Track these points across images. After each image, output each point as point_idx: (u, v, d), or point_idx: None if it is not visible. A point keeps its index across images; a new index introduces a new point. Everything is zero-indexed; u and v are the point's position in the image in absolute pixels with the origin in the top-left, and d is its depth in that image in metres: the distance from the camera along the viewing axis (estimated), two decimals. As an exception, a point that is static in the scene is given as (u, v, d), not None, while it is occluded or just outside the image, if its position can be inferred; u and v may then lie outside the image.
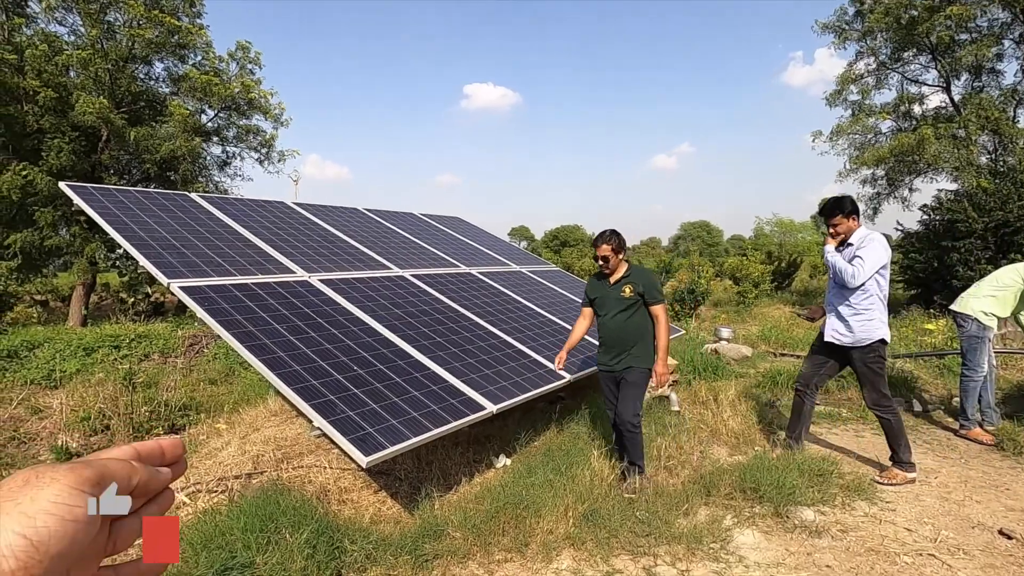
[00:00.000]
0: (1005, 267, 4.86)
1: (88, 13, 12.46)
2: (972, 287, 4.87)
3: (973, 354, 4.62)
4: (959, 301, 4.81)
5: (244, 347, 3.13)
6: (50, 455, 5.12)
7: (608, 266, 3.67)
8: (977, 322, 4.62)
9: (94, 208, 4.14)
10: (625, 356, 3.63)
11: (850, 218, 3.71)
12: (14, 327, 11.86)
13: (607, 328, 3.70)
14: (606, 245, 3.66)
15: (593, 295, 3.82)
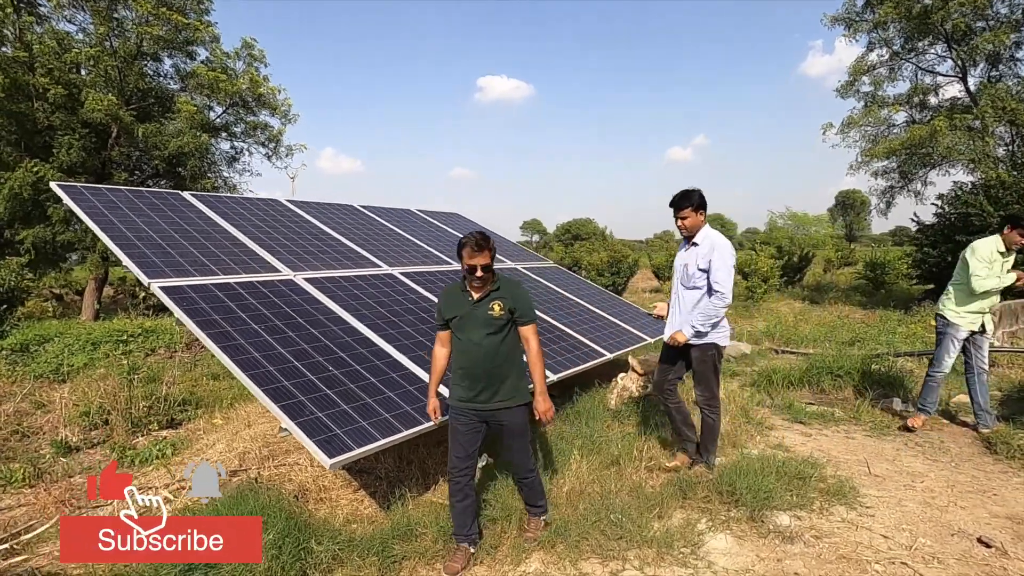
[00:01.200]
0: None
1: (97, 11, 12.61)
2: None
3: (937, 350, 4.69)
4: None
5: (219, 347, 3.16)
6: (51, 449, 5.21)
7: (481, 280, 2.87)
8: (943, 318, 4.64)
9: (83, 208, 4.20)
10: (499, 390, 2.88)
11: (698, 212, 3.58)
12: (29, 321, 12.14)
13: (471, 355, 2.86)
14: (485, 254, 2.85)
15: (450, 314, 2.91)
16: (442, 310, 2.98)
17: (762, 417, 4.92)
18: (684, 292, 3.68)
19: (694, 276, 3.59)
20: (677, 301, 3.76)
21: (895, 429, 4.76)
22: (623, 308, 6.85)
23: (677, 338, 3.62)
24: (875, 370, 6.04)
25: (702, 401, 3.74)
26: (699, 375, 3.70)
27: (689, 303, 3.66)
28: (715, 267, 3.48)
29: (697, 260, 3.56)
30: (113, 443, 5.21)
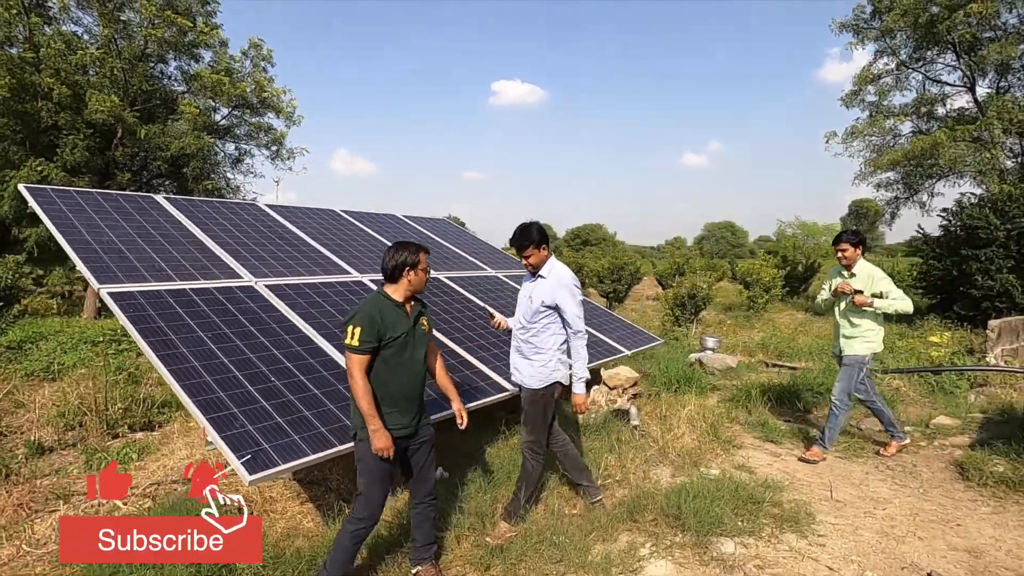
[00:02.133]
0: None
1: (103, 12, 12.80)
2: None
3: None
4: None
5: (156, 355, 3.13)
6: (25, 449, 5.22)
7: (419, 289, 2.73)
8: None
9: (45, 211, 4.21)
10: (423, 408, 2.79)
11: (540, 248, 3.29)
12: (32, 318, 12.31)
13: (411, 377, 2.66)
14: (424, 254, 2.72)
15: (396, 332, 2.59)
16: (381, 329, 2.55)
17: (732, 435, 4.80)
18: (527, 325, 3.35)
19: (539, 312, 3.29)
20: (516, 331, 3.44)
21: (869, 451, 4.62)
22: (603, 318, 6.75)
23: (576, 401, 3.30)
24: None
25: (526, 445, 3.36)
26: (527, 416, 3.34)
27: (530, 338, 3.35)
28: (565, 305, 3.24)
29: (543, 295, 3.27)
30: (86, 445, 5.21)
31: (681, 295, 12.26)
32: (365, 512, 2.58)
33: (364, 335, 2.51)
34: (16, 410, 6.26)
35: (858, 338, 4.27)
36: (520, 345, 3.39)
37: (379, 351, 2.57)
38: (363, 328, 2.52)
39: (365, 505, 2.59)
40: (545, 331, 3.31)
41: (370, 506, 2.59)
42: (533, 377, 3.31)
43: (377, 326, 2.55)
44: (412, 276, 2.67)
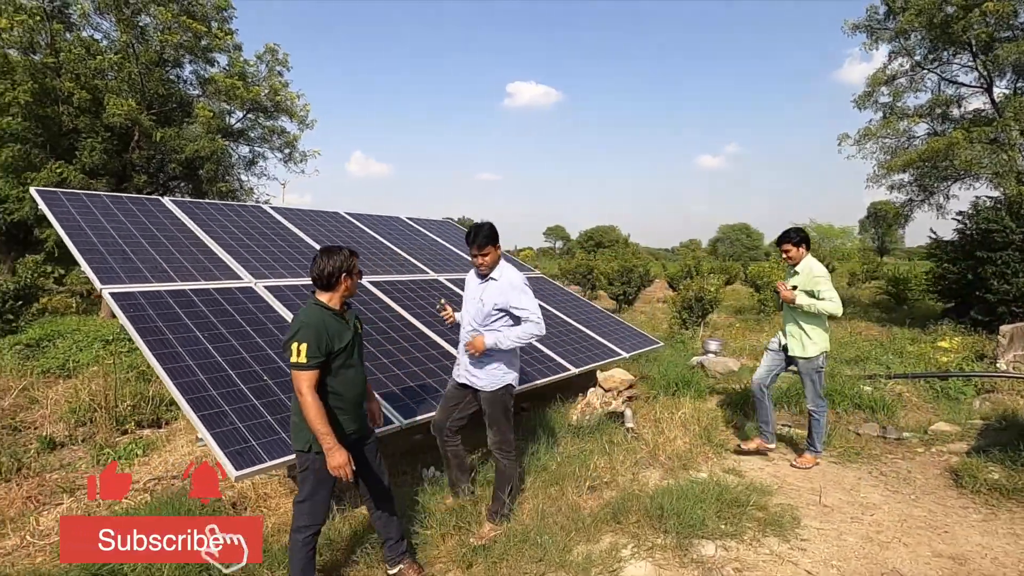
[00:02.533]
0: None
1: (121, 18, 13.11)
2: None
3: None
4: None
5: (152, 354, 3.24)
6: (37, 444, 5.38)
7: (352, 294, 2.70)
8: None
9: (54, 213, 4.36)
10: (365, 415, 2.78)
11: (496, 248, 3.31)
12: (52, 316, 12.65)
13: (358, 383, 2.66)
14: (355, 258, 2.66)
15: (341, 343, 2.54)
16: (328, 343, 2.47)
17: (725, 439, 4.80)
18: (479, 328, 3.32)
19: (491, 316, 3.28)
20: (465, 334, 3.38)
21: (864, 456, 4.59)
22: (602, 321, 6.77)
23: (476, 344, 3.20)
24: (863, 392, 5.84)
25: (495, 445, 3.36)
26: (491, 417, 3.35)
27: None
28: (520, 304, 3.23)
29: (494, 298, 3.26)
30: (95, 441, 5.36)
31: (688, 298, 12.21)
32: (310, 520, 2.57)
33: (311, 351, 2.41)
34: (31, 406, 6.44)
35: (805, 339, 4.26)
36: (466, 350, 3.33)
37: (328, 364, 2.50)
38: (309, 344, 2.41)
39: (310, 513, 2.57)
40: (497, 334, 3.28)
41: (316, 514, 2.58)
42: (485, 380, 3.31)
43: (324, 340, 2.46)
44: (348, 282, 2.59)
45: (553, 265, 36.18)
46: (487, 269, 3.31)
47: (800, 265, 4.31)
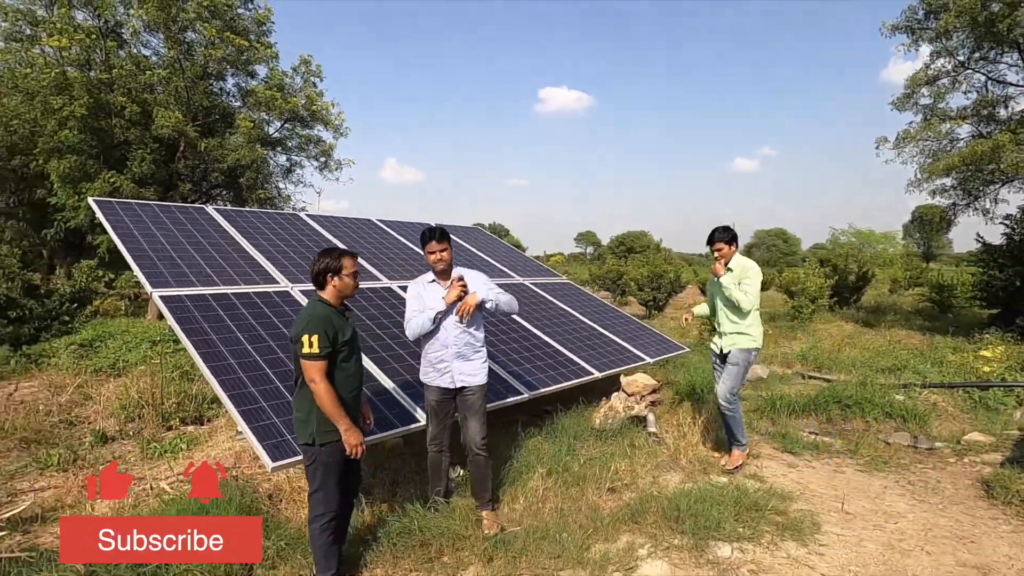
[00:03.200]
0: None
1: (169, 35, 13.80)
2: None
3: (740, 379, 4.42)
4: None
5: (197, 352, 3.47)
6: (90, 438, 5.73)
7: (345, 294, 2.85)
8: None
9: (110, 221, 4.69)
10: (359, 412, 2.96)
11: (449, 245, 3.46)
12: (103, 318, 13.34)
13: (353, 381, 2.81)
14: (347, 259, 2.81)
15: (345, 336, 2.73)
16: (333, 334, 2.66)
17: (749, 444, 4.79)
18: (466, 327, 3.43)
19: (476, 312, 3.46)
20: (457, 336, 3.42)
21: (892, 465, 4.53)
22: (628, 326, 6.82)
23: (470, 301, 3.33)
24: (895, 401, 5.74)
25: (480, 441, 3.44)
26: (479, 412, 3.46)
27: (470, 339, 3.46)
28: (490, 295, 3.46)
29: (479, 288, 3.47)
30: (143, 436, 5.68)
31: (717, 304, 12.09)
32: (324, 508, 2.71)
33: (322, 341, 2.59)
34: (85, 402, 6.85)
35: (739, 334, 4.28)
36: (460, 349, 3.41)
37: (333, 356, 2.66)
38: (319, 335, 2.59)
39: (323, 502, 2.71)
40: (480, 328, 3.53)
41: (329, 502, 2.72)
42: (479, 375, 3.46)
43: (329, 331, 2.64)
44: (336, 282, 2.75)
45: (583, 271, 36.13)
46: (447, 266, 3.43)
47: (733, 262, 4.36)
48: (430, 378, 3.45)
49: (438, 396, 3.45)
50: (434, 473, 3.56)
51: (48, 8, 13.42)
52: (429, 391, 3.48)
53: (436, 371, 3.43)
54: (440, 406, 3.47)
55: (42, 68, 12.34)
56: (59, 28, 12.55)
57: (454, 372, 3.40)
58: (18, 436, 5.31)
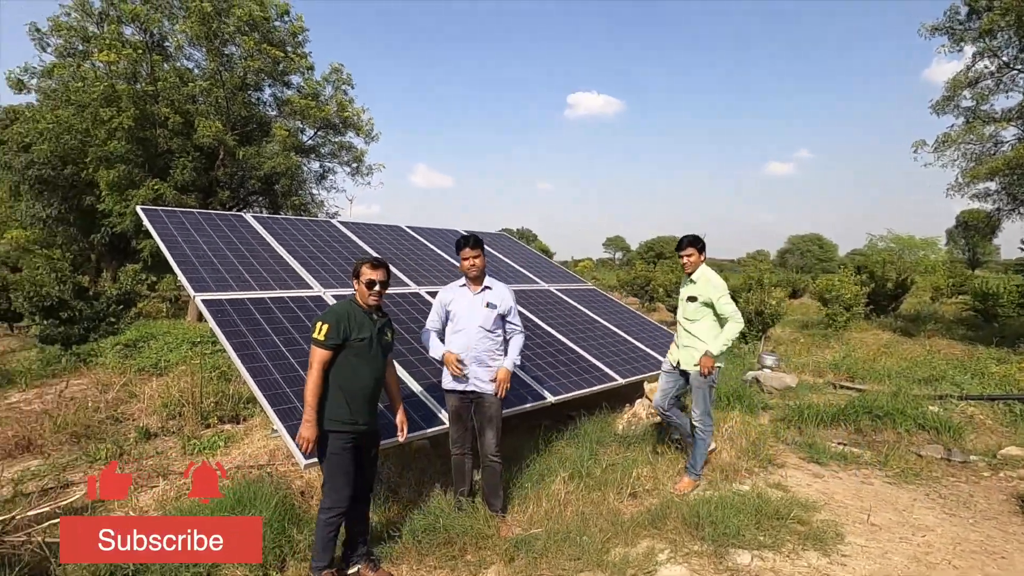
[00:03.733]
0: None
1: (211, 49, 14.39)
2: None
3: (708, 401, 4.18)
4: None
5: (236, 354, 3.66)
6: (135, 434, 6.03)
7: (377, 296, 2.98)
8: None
9: (156, 228, 4.96)
10: (375, 409, 3.04)
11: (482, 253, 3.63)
12: (146, 320, 13.92)
13: (372, 379, 2.93)
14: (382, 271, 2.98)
15: (358, 334, 2.86)
16: (347, 328, 2.82)
17: (774, 453, 4.77)
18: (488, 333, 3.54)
19: (498, 320, 3.59)
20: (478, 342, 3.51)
21: (924, 478, 4.44)
22: (653, 332, 6.82)
23: (502, 377, 3.50)
24: (929, 413, 5.61)
25: (494, 450, 3.52)
26: (495, 421, 3.53)
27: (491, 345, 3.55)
28: (515, 309, 3.66)
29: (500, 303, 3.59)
30: (184, 433, 5.94)
31: (748, 311, 11.92)
32: (330, 502, 2.84)
33: (330, 332, 2.78)
34: (130, 400, 7.19)
35: (698, 351, 4.05)
36: (479, 355, 3.50)
37: (344, 349, 2.83)
38: (330, 325, 2.79)
39: (329, 495, 2.85)
40: (500, 336, 3.62)
41: (334, 496, 2.83)
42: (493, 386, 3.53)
43: (343, 325, 2.82)
44: (356, 286, 2.98)
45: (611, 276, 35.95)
46: (478, 272, 3.57)
47: (696, 274, 4.16)
48: (449, 383, 3.56)
49: (457, 401, 3.56)
50: (458, 474, 3.65)
51: (99, 24, 14.12)
52: (449, 396, 3.59)
53: (455, 377, 3.53)
54: (460, 410, 3.57)
55: (92, 82, 13.00)
56: (108, 43, 13.21)
57: (472, 377, 3.50)
58: (69, 431, 5.62)
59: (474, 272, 3.56)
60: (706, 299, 4.03)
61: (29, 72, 13.99)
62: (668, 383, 4.33)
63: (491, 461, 3.53)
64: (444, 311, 3.63)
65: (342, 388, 2.84)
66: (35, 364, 9.43)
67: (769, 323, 11.95)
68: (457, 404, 3.56)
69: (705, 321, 4.06)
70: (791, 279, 27.47)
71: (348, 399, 2.84)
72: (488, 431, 3.53)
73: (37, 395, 7.58)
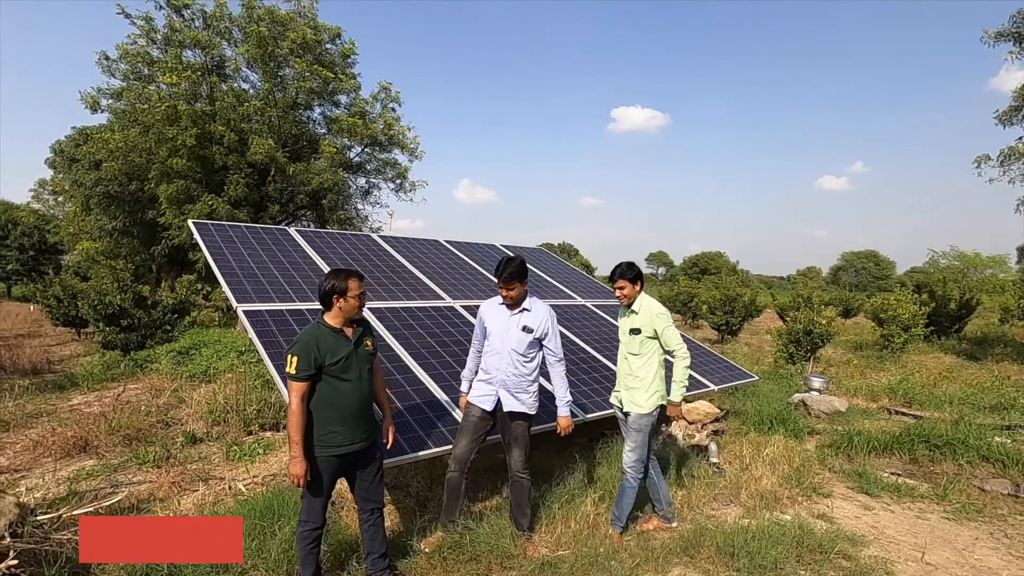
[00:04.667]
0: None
1: (265, 70, 15.08)
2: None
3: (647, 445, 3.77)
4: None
5: (272, 364, 3.76)
6: (182, 439, 6.25)
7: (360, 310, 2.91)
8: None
9: (205, 241, 5.18)
10: (370, 425, 2.94)
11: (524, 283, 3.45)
12: (199, 328, 14.56)
13: (357, 397, 2.82)
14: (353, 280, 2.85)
15: (332, 358, 2.76)
16: (318, 357, 2.71)
17: (820, 481, 4.52)
18: (522, 358, 3.44)
19: (533, 344, 3.45)
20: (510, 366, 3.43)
21: (988, 515, 4.11)
22: (692, 351, 6.62)
23: (562, 424, 3.51)
24: (995, 444, 5.22)
25: (523, 467, 3.45)
26: (524, 441, 3.46)
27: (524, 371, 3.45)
28: (555, 335, 3.51)
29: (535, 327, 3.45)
30: (227, 439, 6.13)
31: (796, 331, 11.47)
32: (307, 515, 2.81)
33: (301, 363, 2.67)
34: (179, 405, 7.48)
35: (642, 389, 3.65)
36: (507, 380, 3.41)
37: (321, 375, 2.73)
38: (299, 357, 2.68)
39: (307, 510, 2.81)
40: (533, 361, 3.48)
41: (311, 512, 2.81)
42: (530, 404, 3.48)
43: (313, 354, 2.69)
44: (342, 303, 2.80)
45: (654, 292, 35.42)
46: (513, 301, 3.43)
47: (637, 304, 3.78)
48: (475, 395, 3.50)
49: (477, 414, 3.45)
50: (452, 495, 3.46)
51: (163, 49, 15.03)
52: (471, 406, 3.49)
53: (482, 390, 3.47)
54: (478, 425, 3.45)
55: (156, 103, 13.82)
56: (171, 67, 14.04)
57: (505, 394, 3.43)
58: (123, 433, 5.88)
59: (509, 302, 3.47)
60: (650, 331, 3.68)
61: (102, 93, 15.00)
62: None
63: (519, 477, 3.45)
64: (483, 327, 3.54)
65: (325, 413, 2.76)
66: (97, 368, 9.96)
67: (818, 343, 11.45)
68: (477, 418, 3.44)
69: (653, 357, 3.69)
70: (844, 297, 26.30)
71: (333, 423, 2.77)
72: (516, 448, 3.45)
73: (97, 398, 7.98)
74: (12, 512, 2.88)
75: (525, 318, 3.45)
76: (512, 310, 3.47)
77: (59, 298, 14.22)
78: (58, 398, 7.91)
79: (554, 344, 3.48)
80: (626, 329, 3.80)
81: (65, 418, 6.72)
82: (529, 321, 3.44)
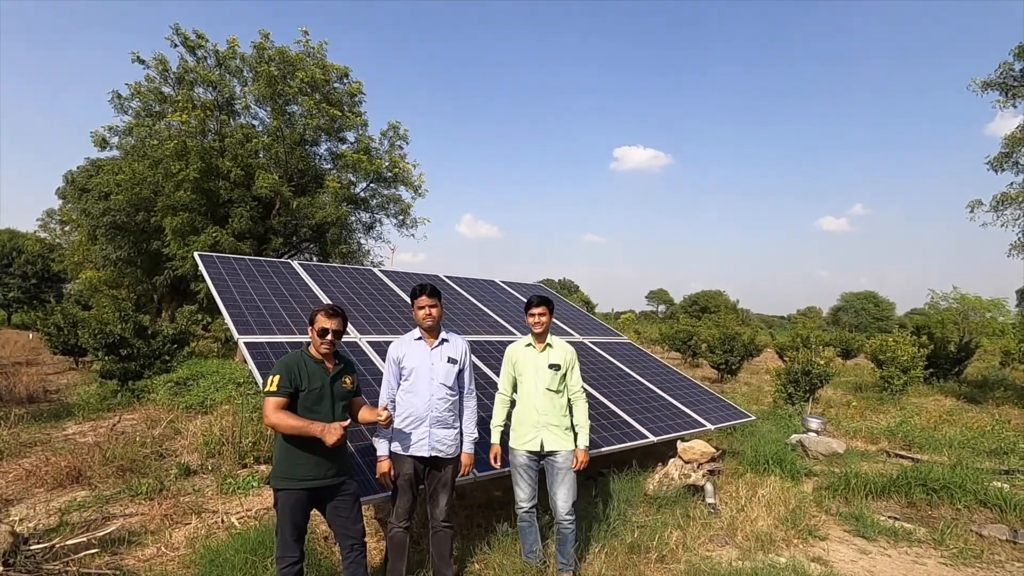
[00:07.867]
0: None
1: (274, 108, 15.52)
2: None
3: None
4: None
5: (271, 397, 3.79)
6: (176, 470, 6.22)
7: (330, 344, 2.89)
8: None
9: (209, 273, 5.28)
10: (342, 463, 2.91)
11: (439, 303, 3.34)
12: (198, 358, 14.53)
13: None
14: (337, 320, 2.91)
15: (309, 384, 2.81)
16: (296, 379, 2.78)
17: (816, 524, 4.49)
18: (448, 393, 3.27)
19: (458, 376, 3.34)
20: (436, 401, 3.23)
21: (986, 560, 4.07)
22: (690, 390, 6.64)
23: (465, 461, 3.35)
24: (993, 489, 5.19)
25: (445, 515, 3.26)
26: (450, 485, 3.30)
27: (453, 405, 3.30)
28: (469, 366, 3.42)
29: (459, 357, 3.34)
30: (222, 471, 6.09)
31: (794, 371, 11.47)
32: (281, 552, 2.77)
33: (282, 382, 2.74)
34: (174, 436, 7.44)
35: (563, 427, 3.52)
36: (440, 414, 3.21)
37: (297, 399, 2.78)
38: (281, 376, 2.76)
39: (280, 546, 2.77)
40: (458, 393, 3.33)
41: (284, 547, 2.76)
42: (462, 442, 3.34)
43: (293, 375, 2.78)
44: (310, 332, 2.93)
45: (654, 329, 35.32)
46: (434, 322, 3.29)
47: (552, 339, 3.68)
48: (403, 448, 3.18)
49: (411, 468, 3.17)
50: (397, 552, 3.20)
51: (175, 87, 15.51)
52: (401, 462, 3.17)
53: (408, 438, 3.18)
54: (413, 479, 3.18)
55: (166, 139, 14.19)
56: (182, 106, 14.46)
57: (431, 440, 3.18)
58: (116, 464, 5.85)
59: (429, 322, 3.26)
60: (566, 368, 3.56)
61: (111, 131, 15.42)
62: (533, 478, 3.53)
63: (443, 527, 3.24)
64: (397, 369, 3.28)
65: (293, 444, 2.75)
66: (93, 398, 9.92)
67: (817, 384, 11.43)
68: (411, 472, 3.15)
69: (565, 394, 3.57)
70: (844, 338, 26.27)
71: (299, 455, 2.74)
72: (442, 495, 3.22)
73: (92, 428, 7.95)
74: (7, 541, 2.88)
75: (447, 349, 3.31)
76: (431, 343, 3.30)
77: (59, 326, 14.25)
78: (53, 427, 7.88)
79: (469, 376, 3.38)
80: (544, 364, 3.55)
81: (59, 447, 6.68)
82: (452, 352, 3.31)
